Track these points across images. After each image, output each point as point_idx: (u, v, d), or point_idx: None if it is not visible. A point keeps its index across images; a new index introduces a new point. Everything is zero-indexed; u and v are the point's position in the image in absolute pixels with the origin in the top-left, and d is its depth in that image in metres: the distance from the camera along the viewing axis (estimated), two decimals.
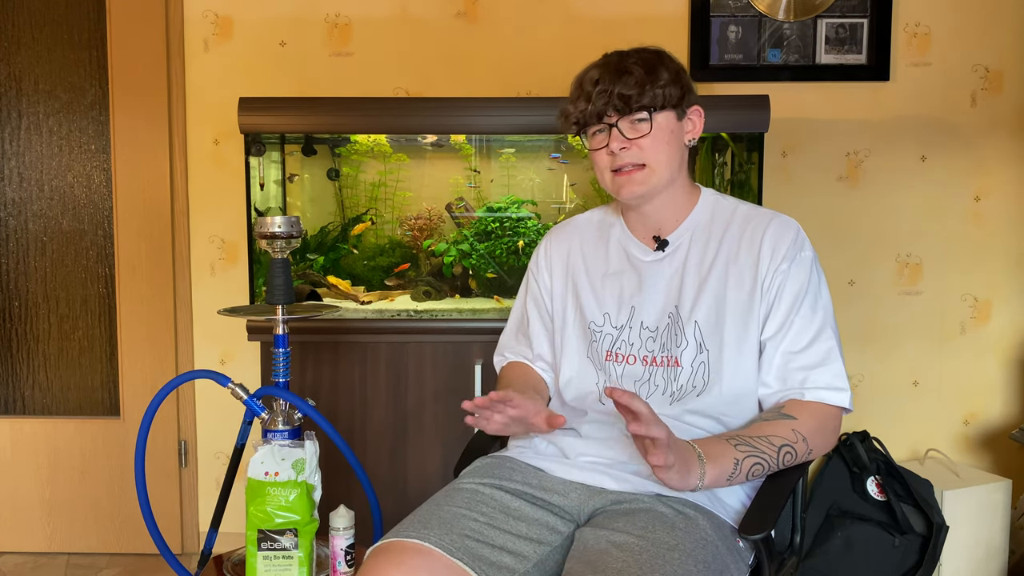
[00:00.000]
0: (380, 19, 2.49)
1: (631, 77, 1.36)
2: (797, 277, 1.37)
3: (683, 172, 1.46)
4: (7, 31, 2.54)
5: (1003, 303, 2.53)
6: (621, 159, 1.39)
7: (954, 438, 2.57)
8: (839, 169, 2.50)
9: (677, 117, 1.41)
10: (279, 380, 1.70)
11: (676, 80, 1.39)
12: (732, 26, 2.45)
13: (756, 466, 1.26)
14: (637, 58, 1.39)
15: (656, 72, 1.37)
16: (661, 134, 1.38)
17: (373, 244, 2.48)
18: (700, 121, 1.45)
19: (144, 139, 2.52)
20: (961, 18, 2.45)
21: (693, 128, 1.44)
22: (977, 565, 2.31)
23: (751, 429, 1.30)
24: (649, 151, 1.38)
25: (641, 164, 1.39)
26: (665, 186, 1.42)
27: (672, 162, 1.41)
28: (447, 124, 2.22)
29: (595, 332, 1.46)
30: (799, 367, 1.34)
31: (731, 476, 1.25)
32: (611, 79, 1.37)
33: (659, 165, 1.39)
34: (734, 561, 1.28)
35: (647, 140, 1.38)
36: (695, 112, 1.44)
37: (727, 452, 1.25)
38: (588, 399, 1.45)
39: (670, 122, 1.40)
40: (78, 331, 2.63)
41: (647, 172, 1.39)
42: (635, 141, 1.38)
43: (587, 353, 1.46)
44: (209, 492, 2.62)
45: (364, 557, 1.26)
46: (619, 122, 1.38)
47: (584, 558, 1.19)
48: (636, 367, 1.41)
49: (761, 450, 1.26)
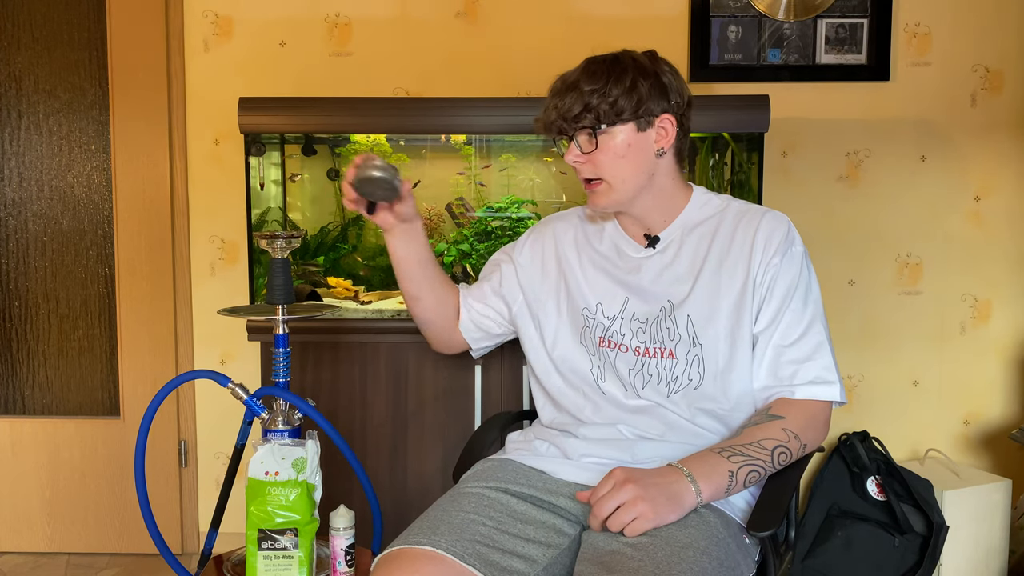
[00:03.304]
0: (380, 19, 2.49)
1: (575, 94, 1.35)
2: (788, 271, 1.37)
3: (663, 176, 1.43)
4: (7, 31, 2.55)
5: (1003, 303, 2.53)
6: (580, 172, 1.40)
7: (954, 438, 2.57)
8: (839, 169, 2.50)
9: (637, 128, 1.37)
10: (279, 380, 1.70)
11: (631, 91, 1.34)
12: (732, 26, 2.45)
13: (752, 473, 1.27)
14: (593, 71, 1.36)
15: (605, 88, 1.34)
16: (616, 148, 1.37)
17: (373, 244, 2.48)
18: (672, 128, 1.40)
19: (144, 139, 2.52)
20: (961, 18, 2.45)
21: (663, 137, 1.39)
22: (977, 565, 2.31)
23: (742, 436, 1.31)
24: (604, 167, 1.38)
25: (599, 178, 1.39)
26: (631, 198, 1.41)
27: (638, 174, 1.39)
28: (447, 124, 2.22)
29: (588, 319, 1.45)
30: (789, 360, 1.35)
31: (729, 488, 1.25)
32: (561, 95, 1.37)
33: (616, 179, 1.38)
34: (743, 557, 1.29)
35: (599, 155, 1.37)
36: (665, 120, 1.39)
37: (719, 467, 1.25)
38: (586, 381, 1.45)
39: (628, 135, 1.37)
40: (78, 331, 2.63)
41: (606, 187, 1.39)
42: (589, 156, 1.38)
43: (579, 339, 1.46)
44: (209, 492, 2.62)
45: (372, 564, 1.26)
46: (576, 136, 1.37)
47: (596, 559, 1.19)
48: (629, 355, 1.41)
49: (754, 457, 1.27)
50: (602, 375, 1.43)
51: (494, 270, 1.62)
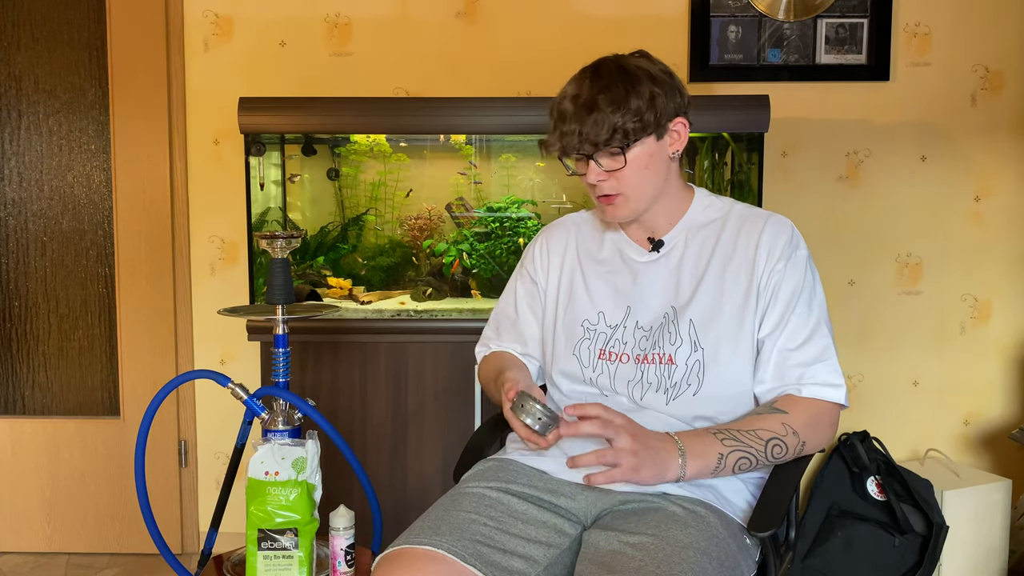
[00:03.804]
0: (380, 19, 2.49)
1: (600, 115, 1.31)
2: (793, 276, 1.37)
3: (672, 180, 1.43)
4: (7, 31, 2.54)
5: (1003, 303, 2.53)
6: (599, 190, 1.39)
7: (954, 438, 2.57)
8: (839, 169, 2.50)
9: (656, 138, 1.37)
10: (279, 380, 1.70)
11: (651, 105, 1.33)
12: (732, 26, 2.45)
13: (742, 460, 1.27)
14: (606, 86, 1.33)
15: (627, 104, 1.31)
16: (639, 162, 1.36)
17: (373, 244, 2.48)
18: (685, 131, 1.40)
19: (144, 139, 2.52)
20: (961, 18, 2.45)
21: (677, 139, 1.40)
22: (977, 565, 2.31)
23: (741, 422, 1.32)
24: (625, 181, 1.37)
25: (619, 192, 1.39)
26: (647, 206, 1.42)
27: (655, 184, 1.40)
28: (447, 124, 2.23)
29: (588, 330, 1.45)
30: (796, 364, 1.35)
31: (716, 470, 1.26)
32: (580, 118, 1.32)
33: (637, 191, 1.39)
34: (744, 558, 1.29)
35: (624, 172, 1.36)
36: (678, 124, 1.39)
37: (712, 447, 1.26)
38: (584, 397, 1.45)
39: (648, 148, 1.36)
40: (78, 331, 2.63)
41: (624, 198, 1.39)
42: (612, 173, 1.37)
43: (573, 350, 1.46)
44: (209, 492, 2.62)
45: (373, 564, 1.26)
46: (595, 155, 1.36)
47: (597, 560, 1.19)
48: (628, 366, 1.40)
49: (747, 444, 1.28)
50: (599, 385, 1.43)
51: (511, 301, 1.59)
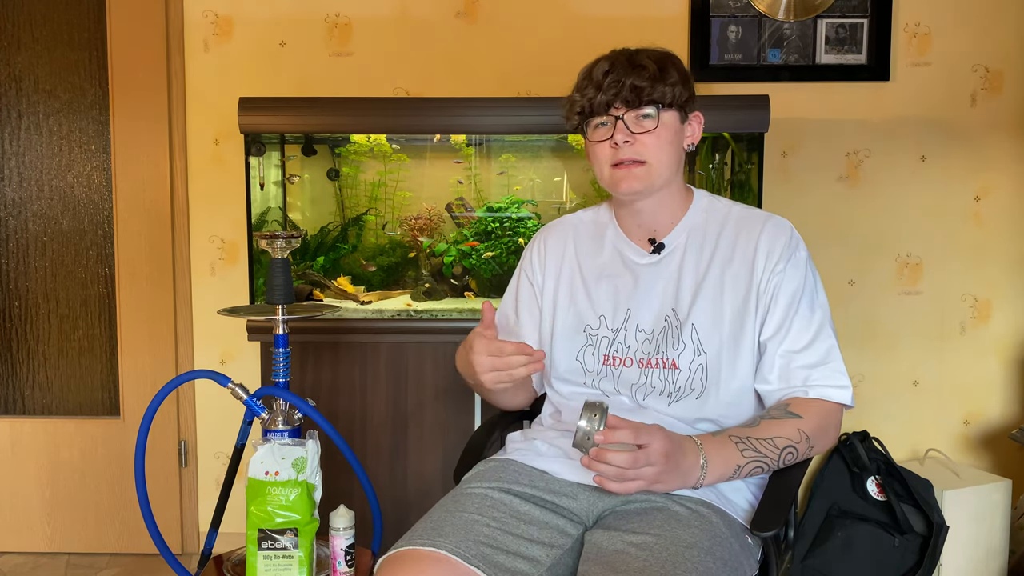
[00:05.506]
0: (380, 19, 2.49)
1: (644, 71, 1.36)
2: (793, 278, 1.37)
3: (679, 175, 1.46)
4: (7, 31, 2.54)
5: (1003, 303, 2.53)
6: (623, 153, 1.38)
7: (954, 438, 2.57)
8: (839, 169, 2.50)
9: (681, 119, 1.42)
10: (279, 380, 1.70)
11: (685, 82, 1.40)
12: (732, 26, 2.45)
13: (756, 468, 1.29)
14: (649, 54, 1.40)
15: (667, 70, 1.38)
16: (665, 132, 1.39)
17: (373, 244, 2.48)
18: (699, 127, 1.46)
19: (144, 139, 2.52)
20: (961, 18, 2.45)
21: (693, 133, 1.45)
22: (977, 565, 2.31)
23: (759, 429, 1.31)
24: (651, 148, 1.38)
25: (642, 160, 1.39)
26: (662, 185, 1.42)
27: (672, 162, 1.41)
28: (447, 124, 2.22)
29: (591, 336, 1.45)
30: (801, 366, 1.35)
31: (731, 477, 1.28)
32: (624, 70, 1.37)
33: (659, 163, 1.39)
34: (746, 557, 1.29)
35: (651, 136, 1.38)
36: (696, 118, 1.46)
37: (732, 459, 1.26)
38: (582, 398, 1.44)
39: (674, 122, 1.40)
40: (78, 331, 2.63)
41: (646, 168, 1.39)
42: (639, 136, 1.38)
43: (576, 356, 1.46)
44: (209, 492, 2.62)
45: (376, 566, 1.25)
46: (625, 115, 1.37)
47: (601, 559, 1.19)
48: (632, 370, 1.40)
49: (764, 454, 1.28)
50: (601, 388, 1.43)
51: (511, 304, 1.60)
